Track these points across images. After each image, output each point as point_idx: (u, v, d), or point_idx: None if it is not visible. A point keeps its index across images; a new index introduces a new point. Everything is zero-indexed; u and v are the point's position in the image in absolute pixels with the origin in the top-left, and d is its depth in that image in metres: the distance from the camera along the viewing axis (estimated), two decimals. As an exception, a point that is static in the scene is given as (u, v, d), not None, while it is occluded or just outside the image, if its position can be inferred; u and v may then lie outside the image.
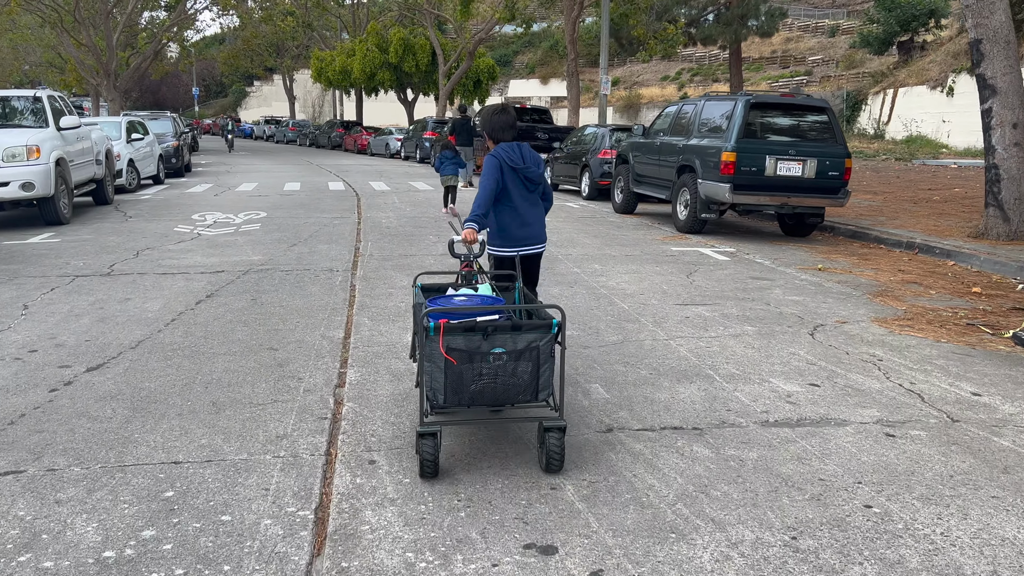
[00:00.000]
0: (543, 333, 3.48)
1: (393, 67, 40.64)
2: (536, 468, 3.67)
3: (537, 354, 3.48)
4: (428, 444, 3.44)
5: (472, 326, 3.42)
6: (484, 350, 3.43)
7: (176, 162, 21.61)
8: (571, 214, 14.00)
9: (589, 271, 8.59)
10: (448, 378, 3.44)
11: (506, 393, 3.51)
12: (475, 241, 4.15)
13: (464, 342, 3.41)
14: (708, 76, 62.97)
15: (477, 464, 3.70)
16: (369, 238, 10.72)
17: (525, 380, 3.50)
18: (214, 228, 11.47)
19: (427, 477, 3.51)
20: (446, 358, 3.41)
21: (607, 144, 16.58)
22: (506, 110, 4.52)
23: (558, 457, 3.54)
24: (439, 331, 3.38)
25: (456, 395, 3.47)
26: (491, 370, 3.45)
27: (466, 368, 3.44)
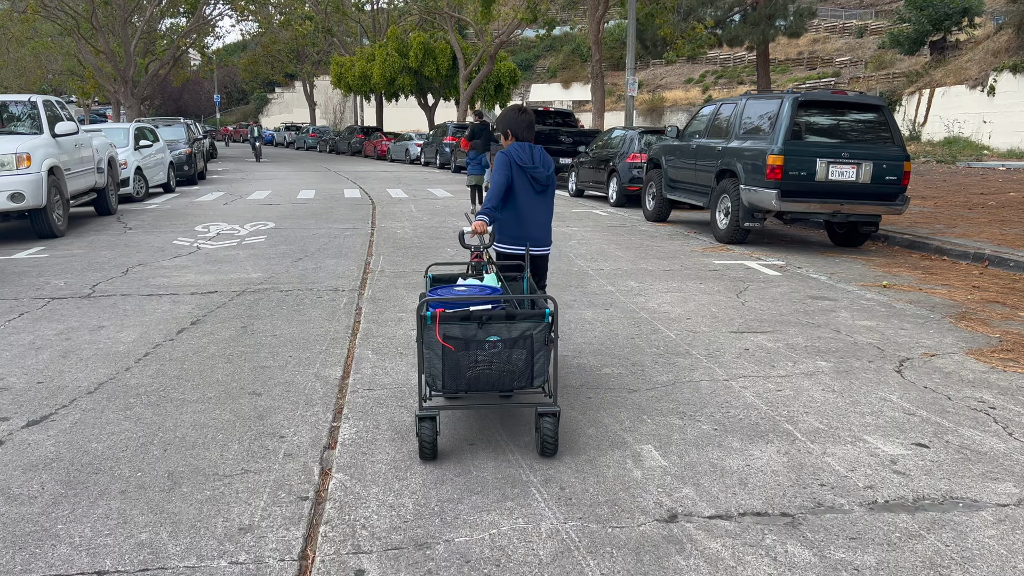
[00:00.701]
0: (537, 322, 3.58)
1: (413, 72, 39.85)
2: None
3: (531, 342, 3.58)
4: (427, 427, 3.59)
5: (467, 315, 3.52)
6: (480, 338, 3.54)
7: (188, 169, 20.87)
8: (599, 223, 13.02)
9: (625, 290, 7.61)
10: (446, 364, 3.56)
11: (501, 379, 3.61)
12: (484, 232, 4.24)
13: (460, 330, 3.53)
14: (733, 79, 61.70)
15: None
16: (381, 251, 9.81)
17: (520, 367, 3.60)
18: (216, 241, 10.61)
19: (426, 459, 3.66)
20: (443, 345, 3.51)
21: (636, 148, 15.59)
22: (525, 110, 4.61)
23: (552, 441, 3.68)
24: (436, 319, 3.50)
25: (454, 380, 3.58)
26: (487, 357, 3.56)
27: (462, 355, 3.55)
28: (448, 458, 3.71)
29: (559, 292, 7.49)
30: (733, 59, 64.45)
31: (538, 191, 4.55)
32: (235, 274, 8.24)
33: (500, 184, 4.41)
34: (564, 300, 7.12)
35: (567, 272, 8.51)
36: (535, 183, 4.52)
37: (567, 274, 8.40)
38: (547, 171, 4.54)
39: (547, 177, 4.54)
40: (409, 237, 11.05)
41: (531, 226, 4.57)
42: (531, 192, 4.53)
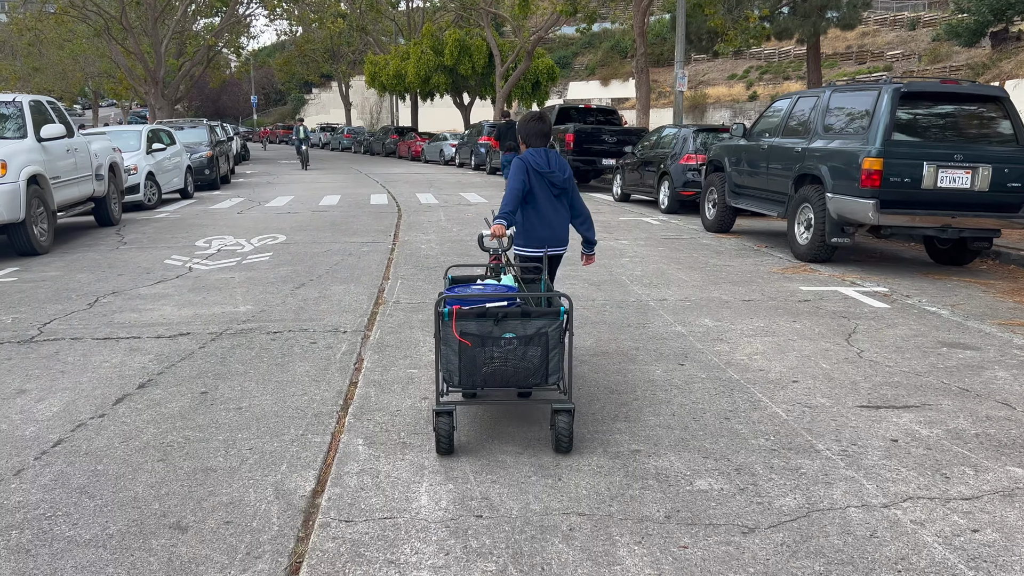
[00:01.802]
0: (552, 320, 3.57)
1: (448, 70, 38.34)
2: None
3: (546, 339, 3.57)
4: (444, 422, 3.58)
5: (483, 312, 3.54)
6: (496, 335, 3.54)
7: (209, 173, 19.57)
8: (652, 234, 11.34)
9: (700, 331, 5.95)
10: (462, 360, 3.57)
11: (516, 376, 3.60)
12: (503, 236, 4.22)
13: (476, 327, 3.53)
14: (778, 74, 59.26)
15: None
16: (400, 273, 8.26)
17: (535, 364, 3.59)
18: (214, 259, 9.16)
19: (442, 453, 3.65)
20: (460, 341, 3.54)
21: (691, 148, 13.87)
22: (542, 119, 4.65)
23: (566, 437, 3.65)
24: (452, 316, 3.51)
25: (470, 376, 3.59)
26: (502, 354, 3.56)
27: (478, 351, 3.55)
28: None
29: (615, 333, 5.87)
30: (779, 54, 62.00)
31: (555, 194, 4.62)
32: (220, 306, 6.75)
33: (516, 189, 4.46)
34: (623, 348, 5.49)
35: (622, 304, 6.87)
36: (552, 187, 4.59)
37: (622, 306, 6.76)
38: (563, 175, 4.60)
39: (564, 180, 4.60)
40: (434, 254, 9.49)
41: (551, 228, 4.63)
42: (549, 195, 4.60)
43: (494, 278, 4.23)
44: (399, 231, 11.63)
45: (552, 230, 4.63)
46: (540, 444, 3.83)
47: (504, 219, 4.32)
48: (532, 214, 4.59)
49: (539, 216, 4.60)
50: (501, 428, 4.05)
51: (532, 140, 4.63)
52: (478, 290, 3.87)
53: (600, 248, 9.91)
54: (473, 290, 3.86)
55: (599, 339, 5.73)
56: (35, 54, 50.83)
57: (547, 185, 4.57)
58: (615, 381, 4.78)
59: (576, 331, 5.94)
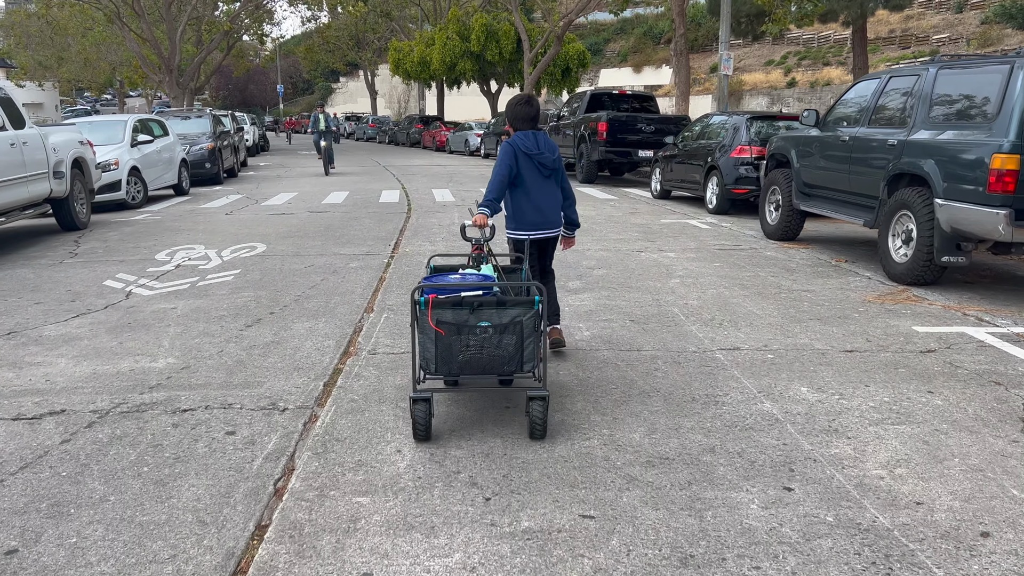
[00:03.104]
0: (526, 309, 3.55)
1: (475, 56, 36.34)
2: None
3: (521, 328, 3.55)
4: (421, 408, 3.55)
5: (459, 301, 3.53)
6: (471, 323, 3.53)
7: (210, 167, 17.87)
8: (703, 243, 9.37)
9: (798, 413, 4.02)
10: (438, 348, 3.55)
11: (492, 363, 3.58)
12: (485, 225, 4.14)
13: (452, 315, 3.53)
14: (818, 59, 56.41)
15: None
16: (389, 302, 6.41)
17: (510, 352, 3.57)
18: (165, 280, 7.38)
19: (419, 439, 3.63)
20: (435, 330, 3.51)
21: (744, 138, 11.84)
22: (529, 102, 4.48)
23: (540, 424, 3.62)
24: (429, 305, 3.50)
25: (446, 364, 3.58)
26: (478, 342, 3.55)
27: (454, 340, 3.54)
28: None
29: (674, 415, 3.96)
30: (818, 39, 59.13)
31: (546, 175, 4.51)
32: (134, 358, 4.95)
33: (502, 175, 4.35)
34: (691, 449, 3.58)
35: (678, 356, 4.96)
36: (542, 168, 4.47)
37: (680, 361, 4.85)
38: (553, 155, 4.48)
39: (553, 161, 4.49)
40: (438, 272, 7.62)
41: (542, 211, 4.52)
42: (539, 177, 4.49)
43: (475, 268, 4.10)
44: (402, 238, 9.77)
45: (543, 213, 4.54)
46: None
47: (487, 207, 4.22)
48: (522, 198, 4.50)
49: (529, 199, 4.50)
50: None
51: (519, 124, 4.50)
52: (456, 279, 3.84)
53: (644, 263, 7.98)
54: (451, 279, 3.84)
55: (653, 427, 3.83)
56: (60, 44, 49.80)
57: (536, 167, 4.46)
58: (688, 530, 2.88)
59: (620, 411, 4.05)
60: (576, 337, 5.38)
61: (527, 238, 4.53)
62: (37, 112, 59.12)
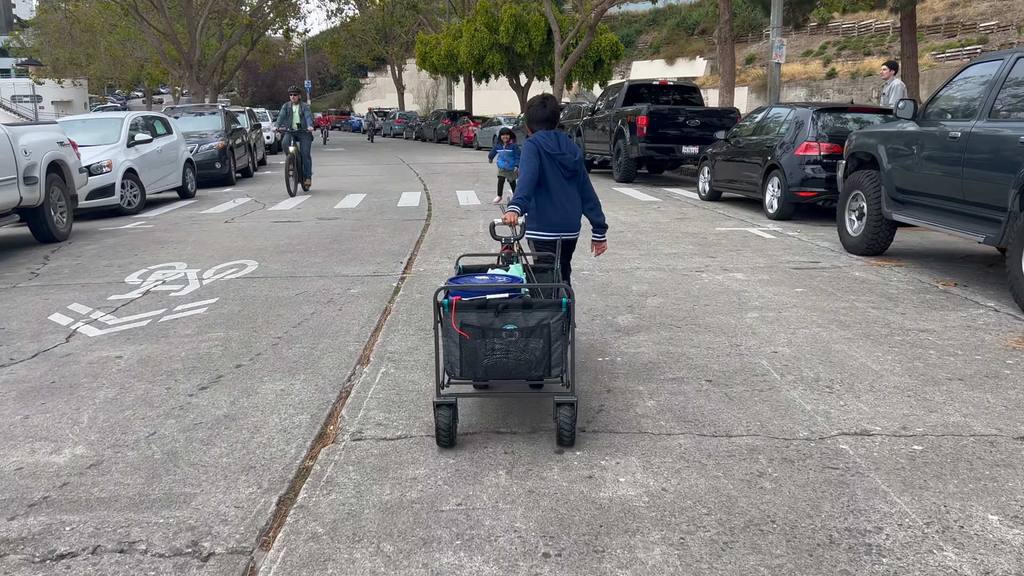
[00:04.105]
0: (554, 311, 3.38)
1: (504, 48, 34.81)
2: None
3: (548, 331, 3.38)
4: (444, 413, 3.41)
5: (484, 303, 3.37)
6: (496, 326, 3.38)
7: (221, 168, 16.59)
8: (772, 257, 7.82)
9: (1002, 565, 2.53)
10: (463, 352, 3.40)
11: (518, 368, 3.42)
12: (515, 223, 4.01)
13: (477, 318, 3.37)
14: (859, 49, 54.07)
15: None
16: (391, 348, 4.98)
17: (537, 356, 3.41)
18: (125, 312, 6.01)
19: (443, 445, 3.46)
20: (460, 333, 3.36)
21: (811, 134, 10.25)
22: (544, 104, 4.37)
23: (568, 431, 3.44)
24: (452, 307, 3.35)
25: (471, 368, 3.43)
26: (504, 346, 3.39)
27: (479, 343, 3.39)
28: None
29: (810, 558, 2.50)
30: (858, 28, 56.77)
31: (567, 176, 4.35)
32: (28, 447, 3.55)
33: (530, 173, 4.20)
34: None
35: (786, 446, 3.45)
36: (564, 169, 4.33)
37: (789, 456, 3.35)
38: (574, 156, 4.34)
39: (575, 162, 4.35)
40: (456, 301, 6.19)
41: (563, 212, 4.36)
42: (561, 178, 4.33)
43: (504, 268, 3.90)
44: (417, 253, 8.34)
45: (564, 214, 4.37)
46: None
47: (518, 205, 4.06)
48: (544, 198, 4.33)
49: (551, 200, 4.34)
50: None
51: (535, 125, 4.37)
52: (482, 280, 3.66)
53: (708, 288, 6.47)
54: (477, 280, 3.66)
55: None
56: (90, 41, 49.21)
57: (558, 167, 4.31)
58: None
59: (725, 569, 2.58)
60: (638, 411, 3.90)
61: (551, 239, 4.35)
62: (66, 110, 58.65)
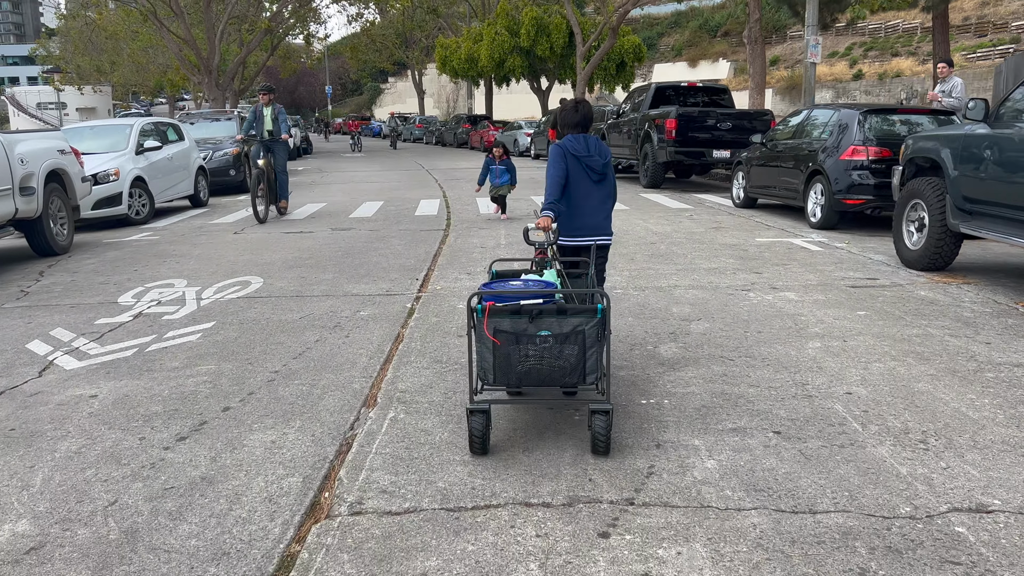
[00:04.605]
0: (589, 317, 3.29)
1: (525, 51, 34.17)
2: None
3: (583, 338, 3.29)
4: (478, 420, 3.34)
5: (518, 309, 3.31)
6: (530, 332, 3.30)
7: (235, 175, 16.07)
8: (821, 272, 7.08)
9: None
10: (496, 358, 3.33)
11: (552, 375, 3.34)
12: (549, 228, 3.88)
13: (510, 324, 3.30)
14: (886, 50, 52.88)
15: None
16: (401, 384, 4.32)
17: (572, 363, 3.31)
18: (111, 340, 5.41)
19: (476, 452, 3.39)
20: (492, 340, 3.30)
21: (857, 137, 9.48)
22: (576, 108, 4.25)
23: (603, 439, 3.34)
24: (486, 313, 3.30)
25: (504, 375, 3.35)
26: (537, 352, 3.31)
27: (513, 349, 3.31)
28: None
29: None
30: (885, 28, 55.57)
31: (595, 180, 4.20)
32: (-34, 520, 2.95)
33: (557, 176, 4.11)
34: None
35: (887, 528, 2.73)
36: (591, 172, 4.18)
37: (892, 542, 2.63)
38: (603, 159, 4.22)
39: (603, 166, 4.21)
40: (477, 326, 5.53)
41: (590, 216, 4.21)
42: (588, 182, 4.19)
43: (538, 273, 3.88)
44: (434, 268, 7.69)
45: (591, 218, 4.22)
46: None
47: (550, 210, 3.98)
48: (569, 202, 4.18)
49: (577, 204, 4.19)
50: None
51: (566, 130, 4.25)
52: (516, 285, 3.60)
53: (757, 309, 5.75)
54: (511, 285, 3.60)
55: None
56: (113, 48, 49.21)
57: (585, 171, 4.17)
58: None
59: None
60: (696, 475, 3.21)
61: (581, 244, 4.24)
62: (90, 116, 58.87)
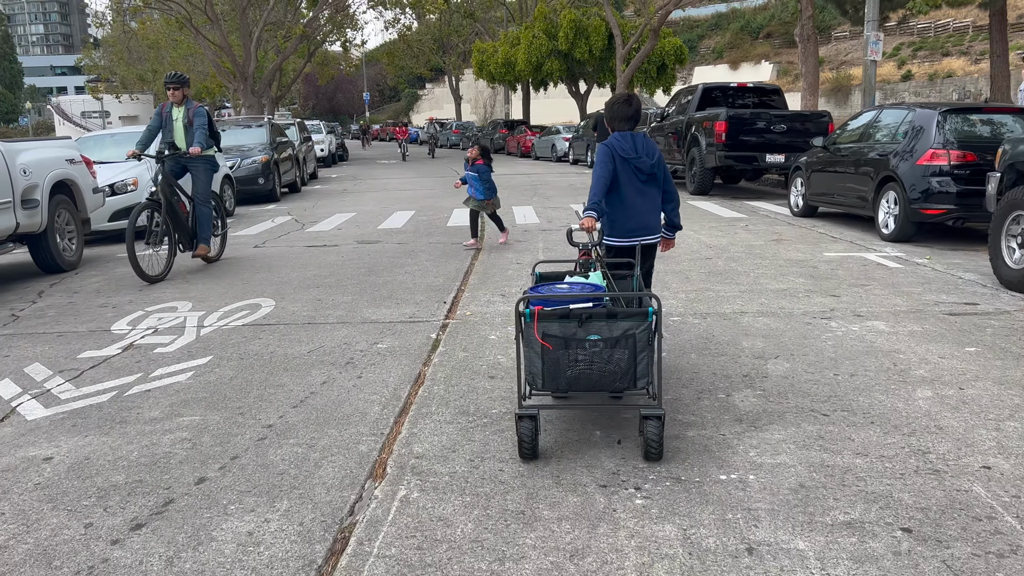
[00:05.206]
0: (639, 321, 3.22)
1: (563, 55, 33.30)
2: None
3: (634, 342, 3.21)
4: (527, 425, 3.28)
5: (567, 313, 3.23)
6: (580, 337, 3.22)
7: (264, 183, 15.42)
8: (909, 296, 6.11)
9: None
10: (545, 363, 3.27)
11: (602, 380, 3.27)
12: (593, 229, 3.85)
13: (559, 328, 3.22)
14: (936, 50, 50.96)
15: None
16: (418, 445, 3.48)
17: (622, 367, 3.25)
18: (89, 380, 4.66)
19: (525, 458, 3.33)
20: (542, 344, 3.24)
21: (937, 139, 8.45)
22: (628, 101, 4.17)
23: (656, 445, 3.26)
24: (535, 317, 3.22)
25: (553, 380, 3.29)
26: (587, 356, 3.24)
27: (562, 354, 3.24)
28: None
29: None
30: (935, 27, 53.65)
31: (643, 180, 4.12)
32: None
33: (603, 177, 4.01)
34: None
35: None
36: (639, 173, 4.11)
37: None
38: (651, 159, 4.11)
39: (651, 166, 4.11)
40: (511, 363, 4.66)
41: (638, 218, 4.13)
42: (636, 183, 4.12)
43: (583, 275, 3.81)
44: (464, 288, 6.85)
45: (639, 220, 4.14)
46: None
47: (593, 210, 3.88)
48: (617, 203, 4.14)
49: (624, 205, 4.13)
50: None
51: (617, 124, 4.16)
52: (563, 289, 3.50)
53: (844, 344, 4.81)
54: (558, 289, 3.50)
55: None
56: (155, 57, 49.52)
57: (633, 172, 4.09)
58: None
59: None
60: (812, 606, 2.32)
61: (630, 244, 4.11)
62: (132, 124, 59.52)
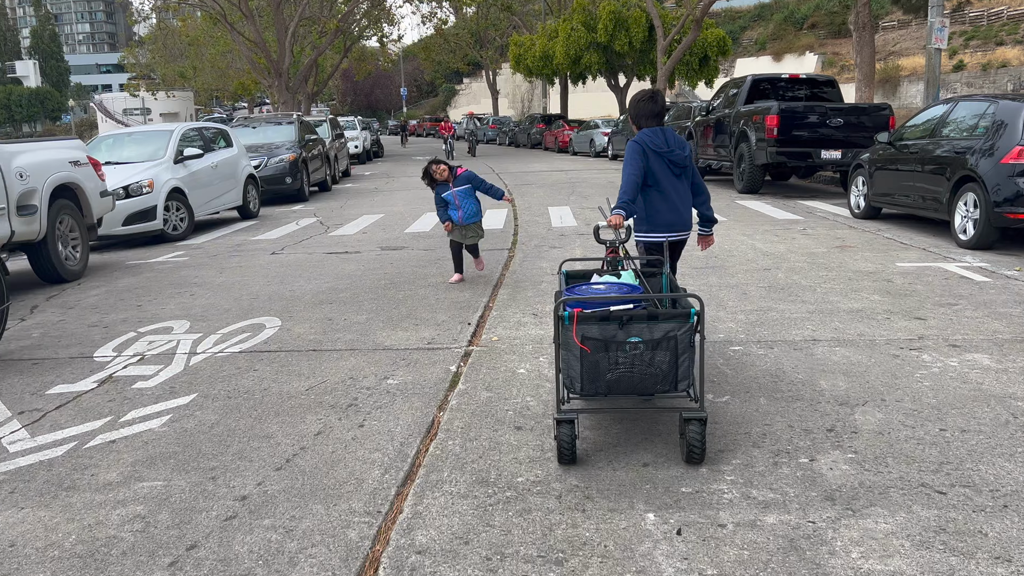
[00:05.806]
0: (681, 322, 3.14)
1: (602, 47, 32.30)
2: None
3: (675, 344, 3.14)
4: (566, 430, 3.19)
5: (607, 315, 3.14)
6: (620, 339, 3.14)
7: (292, 182, 14.83)
8: (1005, 315, 5.18)
9: None
10: (584, 366, 3.18)
11: (643, 383, 3.20)
12: (621, 227, 3.79)
13: (599, 331, 3.14)
14: (989, 39, 48.80)
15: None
16: (421, 532, 2.71)
17: (663, 370, 3.17)
18: (48, 427, 3.99)
19: (564, 463, 3.25)
20: (581, 347, 3.15)
21: (1023, 136, 7.46)
22: (654, 98, 4.13)
23: (699, 448, 3.18)
24: (574, 319, 3.13)
25: (593, 383, 3.21)
26: (627, 359, 3.16)
27: (602, 357, 3.16)
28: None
29: None
30: (987, 16, 51.41)
31: (676, 174, 4.12)
32: None
33: (634, 174, 3.97)
34: None
35: None
36: (673, 166, 4.09)
37: None
38: (683, 152, 4.09)
39: (684, 159, 4.10)
40: (540, 410, 3.89)
41: (677, 211, 4.11)
42: (671, 176, 4.10)
43: (612, 273, 3.72)
44: (493, 304, 6.07)
45: (678, 213, 4.13)
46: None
47: (623, 209, 3.83)
48: (656, 197, 4.10)
49: (664, 199, 4.10)
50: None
51: (644, 121, 4.11)
52: (600, 290, 3.39)
53: (942, 381, 3.94)
54: (595, 290, 3.40)
55: None
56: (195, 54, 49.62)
57: (667, 165, 4.07)
58: None
59: None
60: None
61: (662, 241, 4.07)
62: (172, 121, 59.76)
